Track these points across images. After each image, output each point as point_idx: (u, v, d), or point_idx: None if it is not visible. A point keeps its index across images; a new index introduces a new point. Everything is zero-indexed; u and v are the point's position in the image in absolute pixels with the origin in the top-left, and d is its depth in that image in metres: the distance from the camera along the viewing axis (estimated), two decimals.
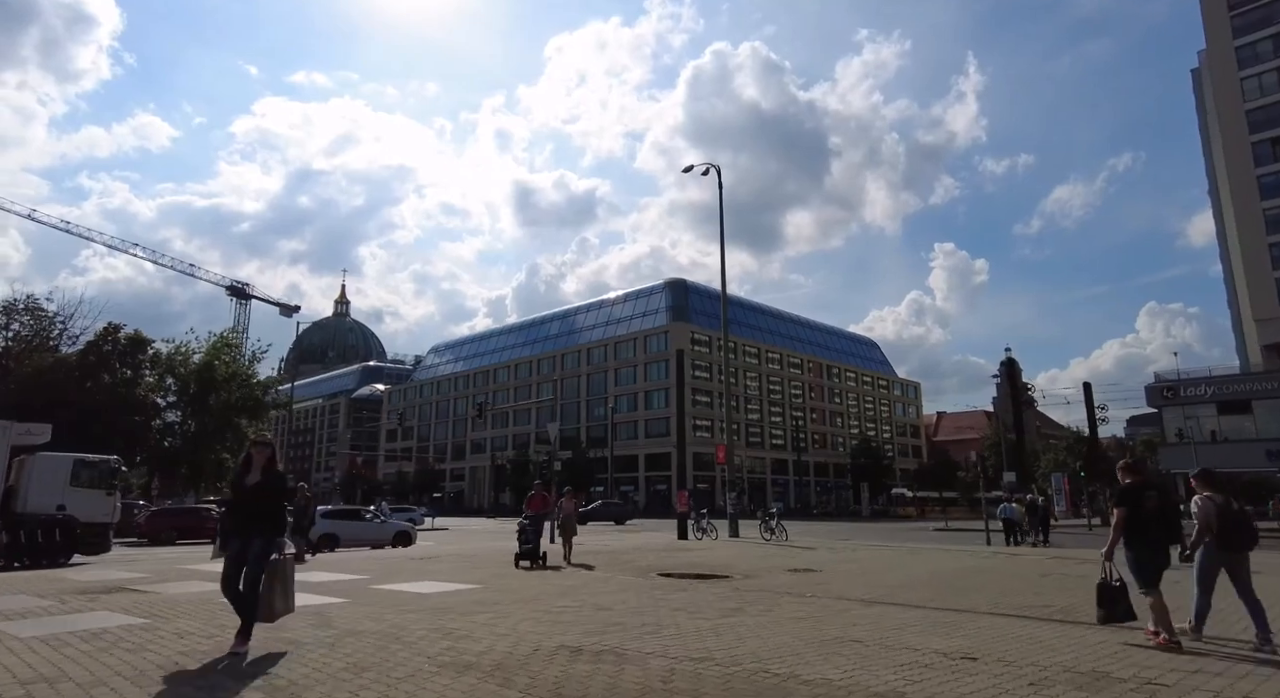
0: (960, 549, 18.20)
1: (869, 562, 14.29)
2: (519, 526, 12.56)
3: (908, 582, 10.85)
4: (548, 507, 13.76)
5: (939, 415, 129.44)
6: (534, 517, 12.80)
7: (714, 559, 14.65)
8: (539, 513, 13.09)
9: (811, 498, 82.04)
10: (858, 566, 13.42)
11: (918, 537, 27.65)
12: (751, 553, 16.60)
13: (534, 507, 13.19)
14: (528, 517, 12.68)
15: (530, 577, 10.61)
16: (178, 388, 50.38)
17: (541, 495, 13.62)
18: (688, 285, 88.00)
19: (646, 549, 18.13)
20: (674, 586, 10.15)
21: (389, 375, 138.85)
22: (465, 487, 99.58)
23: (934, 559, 14.89)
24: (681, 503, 25.10)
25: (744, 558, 15.09)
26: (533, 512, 12.92)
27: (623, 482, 79.85)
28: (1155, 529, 5.95)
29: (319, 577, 11.02)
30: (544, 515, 13.38)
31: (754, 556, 15.88)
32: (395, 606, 7.91)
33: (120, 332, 47.56)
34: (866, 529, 36.17)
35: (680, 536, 24.42)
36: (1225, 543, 5.93)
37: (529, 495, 13.58)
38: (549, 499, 13.98)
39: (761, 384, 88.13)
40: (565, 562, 13.11)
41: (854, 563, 13.98)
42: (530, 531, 12.32)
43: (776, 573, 12.06)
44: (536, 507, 13.19)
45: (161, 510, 25.28)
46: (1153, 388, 51.11)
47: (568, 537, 13.80)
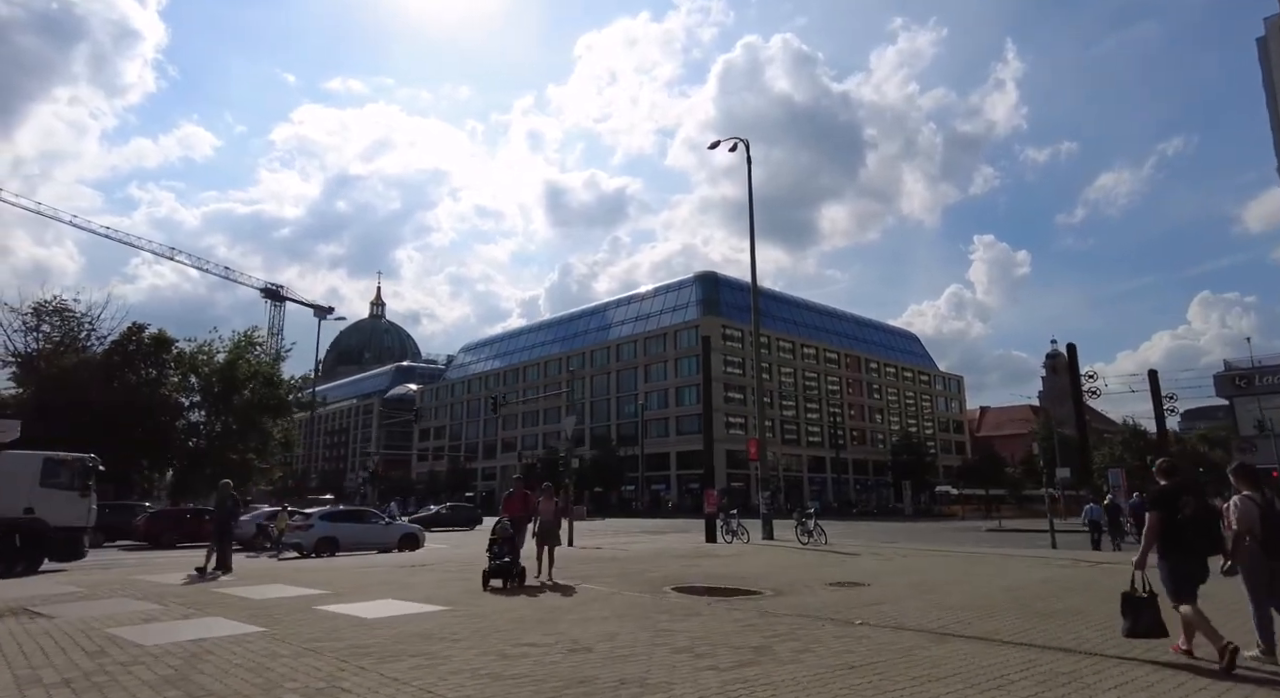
0: (1028, 555, 15.86)
1: (925, 572, 12.11)
2: (492, 535, 10.27)
3: (981, 602, 8.70)
4: (529, 510, 11.03)
5: (982, 410, 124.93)
6: (512, 523, 10.47)
7: (742, 568, 12.62)
8: (519, 517, 10.83)
9: (851, 496, 79.02)
10: (913, 577, 11.27)
11: (970, 538, 25.21)
12: (786, 560, 14.52)
13: (512, 510, 10.83)
14: (503, 523, 10.31)
15: (503, 602, 8.58)
16: (201, 387, 49.88)
17: (522, 495, 11.24)
18: (719, 279, 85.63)
19: (668, 555, 16.15)
20: (685, 608, 8.17)
21: (421, 375, 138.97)
22: (496, 486, 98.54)
23: (1003, 569, 12.64)
24: (710, 503, 23.07)
25: (777, 567, 13.03)
26: (510, 516, 10.58)
27: (654, 480, 77.96)
28: (1192, 537, 5.40)
29: (265, 593, 9.30)
30: (525, 520, 11.00)
31: (789, 563, 13.81)
32: (310, 641, 6.08)
33: (144, 331, 47.16)
34: (912, 530, 33.65)
35: (709, 538, 22.42)
36: (1270, 550, 5.24)
37: (505, 495, 11.27)
38: (531, 500, 11.15)
39: (797, 379, 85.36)
40: (546, 579, 10.69)
41: (908, 574, 11.82)
42: (503, 542, 9.96)
43: (815, 588, 10.00)
44: (515, 510, 10.84)
45: (161, 513, 24.11)
46: (1223, 377, 47.42)
47: (546, 547, 10.94)
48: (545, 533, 10.86)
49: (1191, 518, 5.43)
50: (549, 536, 10.90)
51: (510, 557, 9.89)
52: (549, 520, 11.00)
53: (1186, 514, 5.44)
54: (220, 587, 9.93)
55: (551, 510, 11.14)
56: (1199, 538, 5.41)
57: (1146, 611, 5.58)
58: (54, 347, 44.45)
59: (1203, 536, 5.42)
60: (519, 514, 10.79)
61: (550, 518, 11.03)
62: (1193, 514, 5.43)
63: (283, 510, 22.67)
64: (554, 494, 11.44)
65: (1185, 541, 5.43)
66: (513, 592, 9.49)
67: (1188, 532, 5.42)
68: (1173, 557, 5.51)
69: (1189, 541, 5.42)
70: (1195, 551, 5.43)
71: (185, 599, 8.77)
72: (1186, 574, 5.48)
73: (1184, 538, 5.43)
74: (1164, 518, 5.53)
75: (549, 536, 10.90)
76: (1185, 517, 5.44)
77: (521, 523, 10.67)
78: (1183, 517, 5.44)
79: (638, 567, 12.94)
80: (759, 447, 25.99)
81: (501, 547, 9.92)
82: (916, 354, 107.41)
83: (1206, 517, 5.48)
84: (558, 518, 11.22)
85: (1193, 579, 5.47)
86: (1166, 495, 5.61)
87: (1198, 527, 5.42)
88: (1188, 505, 5.46)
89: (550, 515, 11.05)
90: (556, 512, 11.27)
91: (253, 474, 52.37)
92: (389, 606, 8.17)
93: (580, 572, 12.02)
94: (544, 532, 10.88)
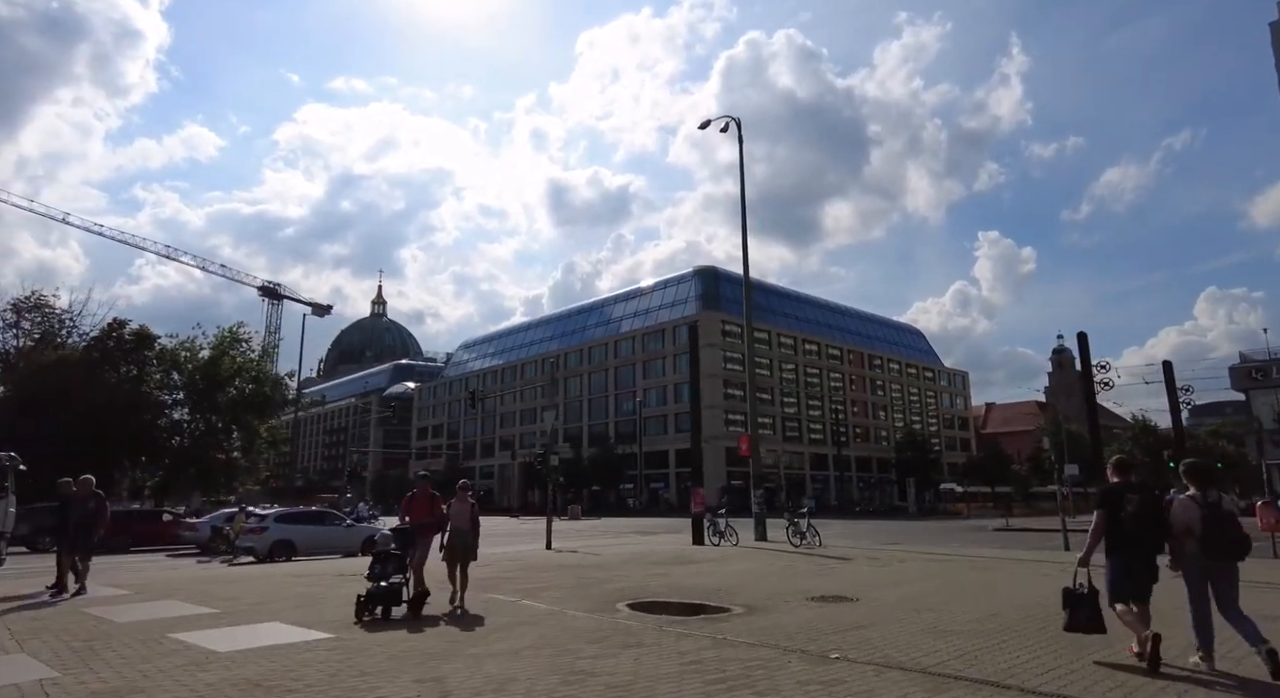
0: (1040, 560, 14.31)
1: (925, 582, 10.60)
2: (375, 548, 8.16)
3: (990, 625, 7.21)
4: (437, 516, 8.61)
5: (988, 407, 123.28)
6: (414, 532, 8.24)
7: (719, 577, 11.14)
8: (425, 525, 8.50)
9: (854, 495, 77.39)
10: (910, 589, 9.76)
11: (977, 539, 23.67)
12: (770, 566, 13.02)
13: (415, 515, 8.48)
14: (386, 534, 8.27)
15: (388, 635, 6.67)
16: (184, 384, 48.61)
17: (427, 497, 8.66)
18: (718, 273, 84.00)
19: (644, 560, 14.67)
20: (627, 636, 6.69)
21: (421, 373, 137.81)
22: (495, 485, 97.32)
23: (1014, 577, 11.12)
24: (697, 502, 21.59)
25: (758, 574, 11.54)
26: (414, 522, 8.38)
27: (653, 479, 76.51)
28: (1132, 535, 5.42)
29: (132, 614, 7.86)
30: (431, 528, 8.58)
31: (772, 570, 12.31)
32: (104, 692, 4.61)
33: (125, 327, 45.92)
34: (915, 529, 32.10)
35: (695, 540, 20.93)
36: (1209, 551, 5.16)
37: (406, 497, 8.80)
38: (439, 504, 8.71)
39: (799, 375, 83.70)
40: (459, 605, 8.44)
41: (904, 583, 10.31)
42: (388, 558, 7.75)
43: (794, 603, 8.52)
44: (419, 514, 8.48)
45: (114, 514, 22.61)
46: (1239, 369, 45.74)
47: (456, 563, 8.57)
48: (457, 545, 8.51)
49: (1133, 516, 5.39)
50: (462, 549, 8.54)
51: (401, 577, 7.81)
52: (463, 528, 8.57)
53: (1129, 512, 5.41)
54: (90, 606, 8.49)
55: (466, 516, 8.64)
56: (1140, 536, 5.37)
57: (1084, 606, 5.64)
58: (34, 344, 43.26)
59: (1144, 534, 5.37)
60: (424, 521, 8.51)
61: (464, 526, 8.59)
62: (1135, 512, 5.38)
63: (240, 512, 21.29)
64: (467, 494, 8.98)
65: (1126, 539, 5.41)
66: (408, 621, 7.49)
67: (1129, 530, 5.40)
68: (1115, 556, 5.53)
69: (1130, 539, 5.40)
70: (1136, 549, 5.40)
71: (19, 623, 7.34)
72: (1126, 573, 5.49)
73: (1125, 536, 5.42)
74: (1108, 516, 5.54)
75: (462, 549, 8.54)
76: (1127, 514, 5.42)
77: (427, 532, 8.49)
78: (1125, 515, 5.43)
79: (600, 576, 11.46)
80: (751, 443, 24.51)
81: (386, 565, 7.68)
82: (921, 350, 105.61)
83: (1148, 515, 5.39)
84: (474, 526, 8.72)
85: (1133, 577, 5.48)
86: (1111, 494, 5.61)
87: (1139, 525, 5.37)
88: (1130, 503, 5.42)
89: (464, 523, 8.60)
90: (472, 517, 8.73)
91: (238, 474, 51.09)
92: (264, 632, 6.71)
93: (529, 583, 10.55)
94: (455, 544, 8.51)
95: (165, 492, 48.69)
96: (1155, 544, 5.41)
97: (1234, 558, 5.17)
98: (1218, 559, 5.17)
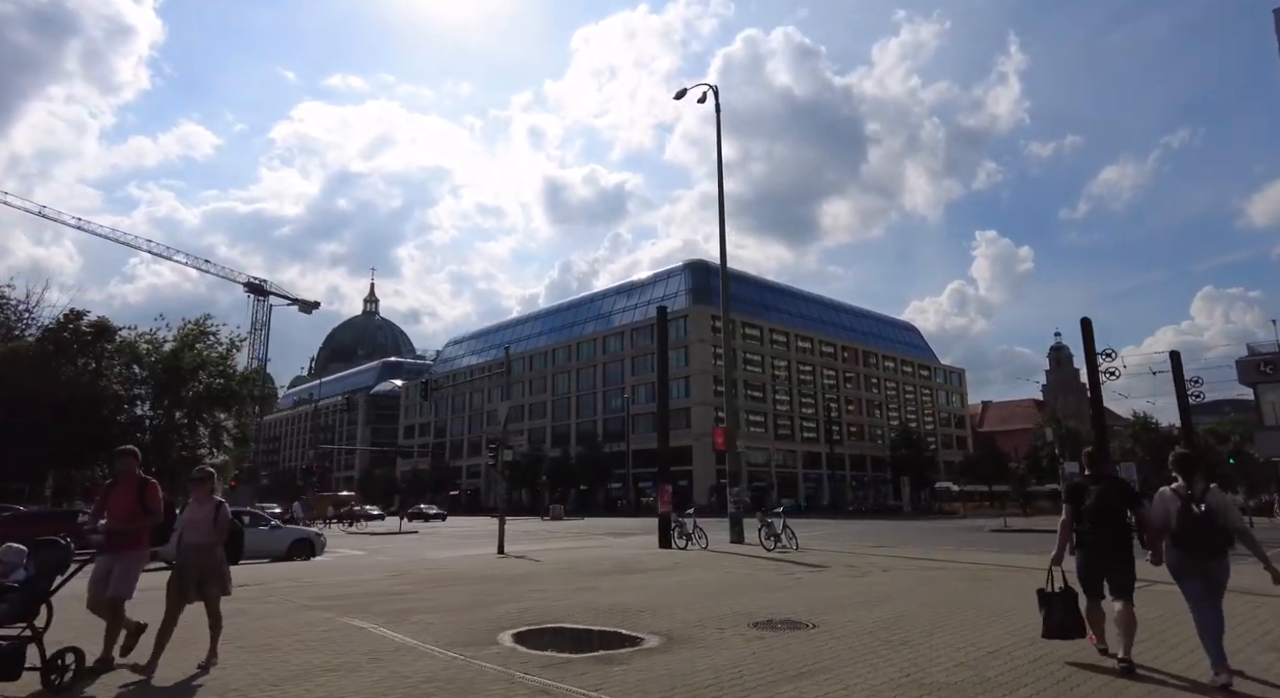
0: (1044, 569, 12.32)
1: (907, 599, 8.54)
2: None
3: (993, 671, 5.17)
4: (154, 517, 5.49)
5: (985, 405, 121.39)
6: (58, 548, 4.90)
7: (654, 593, 9.10)
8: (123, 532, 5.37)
9: (848, 494, 75.38)
10: (886, 611, 7.69)
11: (973, 541, 21.65)
12: (726, 576, 10.97)
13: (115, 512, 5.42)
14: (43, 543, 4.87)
15: None
16: (145, 378, 46.42)
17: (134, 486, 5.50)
18: (709, 267, 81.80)
19: (580, 570, 12.63)
20: (464, 692, 4.64)
21: (409, 371, 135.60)
22: (481, 484, 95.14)
23: (1018, 593, 8.98)
24: (663, 502, 19.56)
25: (705, 588, 9.49)
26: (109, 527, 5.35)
27: (642, 478, 74.38)
28: (1088, 530, 5.23)
29: None
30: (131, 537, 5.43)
31: (726, 582, 10.26)
32: None
33: (83, 318, 43.73)
34: (908, 530, 30.08)
35: (661, 542, 18.94)
36: (1178, 545, 4.80)
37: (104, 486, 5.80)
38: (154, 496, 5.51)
39: (791, 372, 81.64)
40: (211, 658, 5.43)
41: (880, 603, 8.26)
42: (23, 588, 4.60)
43: (730, 632, 6.47)
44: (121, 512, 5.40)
45: (17, 517, 20.61)
46: (1247, 362, 43.67)
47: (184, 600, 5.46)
48: (187, 570, 5.46)
49: (1089, 509, 5.20)
50: (200, 572, 5.46)
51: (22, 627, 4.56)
52: (198, 543, 5.50)
53: (1086, 505, 5.23)
54: None
55: (205, 525, 5.53)
56: (1095, 531, 5.19)
57: (1057, 608, 5.40)
58: None
59: (1099, 528, 5.19)
60: (122, 526, 5.34)
61: (200, 539, 5.51)
62: (1091, 505, 5.20)
63: None
64: (208, 489, 5.72)
65: (1084, 534, 5.26)
66: None
67: (1086, 525, 5.22)
68: (1079, 552, 5.38)
69: (1087, 534, 5.23)
70: (1093, 545, 5.21)
71: None
72: (1080, 569, 5.38)
73: (1084, 532, 5.26)
74: (1073, 511, 5.37)
75: (200, 572, 5.46)
76: (1085, 508, 5.23)
77: (129, 543, 5.37)
78: (1085, 508, 5.23)
79: (514, 590, 9.40)
80: (727, 436, 22.50)
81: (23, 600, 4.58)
82: (916, 347, 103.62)
83: (1102, 507, 5.19)
84: (220, 539, 5.63)
85: (1084, 574, 5.35)
86: (1074, 488, 5.48)
87: (1093, 518, 5.17)
88: (1089, 496, 5.24)
89: (201, 534, 5.51)
90: (217, 526, 5.58)
91: None
92: None
93: (415, 602, 8.50)
94: (185, 567, 5.47)
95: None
96: (1109, 539, 5.17)
97: (1206, 556, 4.74)
98: (1193, 556, 4.79)
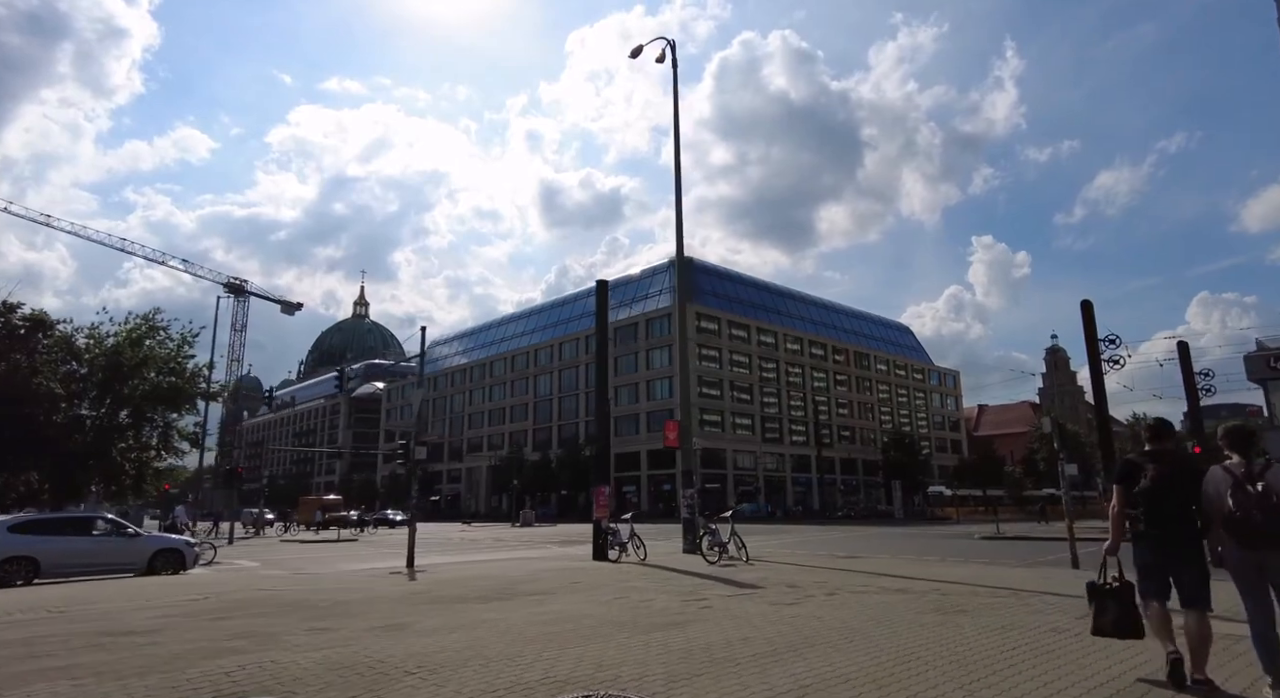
0: (1046, 590, 9.60)
1: (833, 650, 5.75)
2: None
3: None
4: None
5: (980, 408, 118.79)
6: None
7: (488, 633, 6.38)
8: None
9: (836, 499, 72.63)
10: (785, 679, 4.95)
11: (960, 550, 18.92)
12: (607, 607, 8.20)
13: None
14: None
15: None
16: (85, 375, 43.38)
17: None
18: (694, 263, 79.32)
19: (449, 592, 9.92)
20: None
21: (393, 373, 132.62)
22: (462, 489, 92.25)
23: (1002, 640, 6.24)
24: (599, 506, 16.81)
25: (559, 627, 6.77)
26: None
27: (625, 482, 71.63)
28: (1145, 515, 4.25)
29: None
30: None
31: (599, 617, 7.50)
32: None
33: (16, 311, 40.73)
34: (892, 537, 27.35)
35: (595, 553, 16.24)
36: (1235, 533, 3.86)
37: None
38: None
39: (780, 372, 78.96)
40: None
41: (789, 660, 5.50)
42: None
43: None
44: None
45: None
46: (1255, 358, 41.11)
47: None
48: None
49: (1144, 491, 4.21)
50: None
51: None
52: None
53: (1142, 487, 4.24)
54: None
55: None
56: (1151, 519, 4.20)
57: (1111, 604, 4.46)
58: None
59: (1156, 516, 4.19)
60: None
61: None
62: (1146, 486, 4.20)
63: None
64: None
65: (1142, 520, 4.30)
66: None
67: (1141, 509, 4.27)
68: (1135, 543, 4.38)
69: (1147, 519, 4.25)
70: (1152, 537, 4.24)
71: None
72: (1140, 563, 4.38)
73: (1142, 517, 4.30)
74: (1125, 494, 4.38)
75: None
76: (1139, 489, 4.26)
77: None
78: (1139, 490, 4.27)
79: (296, 633, 6.68)
80: (680, 431, 19.81)
81: None
82: (910, 348, 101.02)
83: (1160, 487, 4.17)
84: None
85: (1147, 570, 4.32)
86: (1129, 466, 4.42)
87: (1150, 500, 4.20)
88: (1145, 474, 4.24)
89: None
90: None
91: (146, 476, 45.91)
92: None
93: (104, 655, 5.78)
94: None
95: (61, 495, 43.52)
96: (1173, 525, 4.17)
97: (1267, 545, 3.74)
98: (1253, 547, 3.81)
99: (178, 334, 47.74)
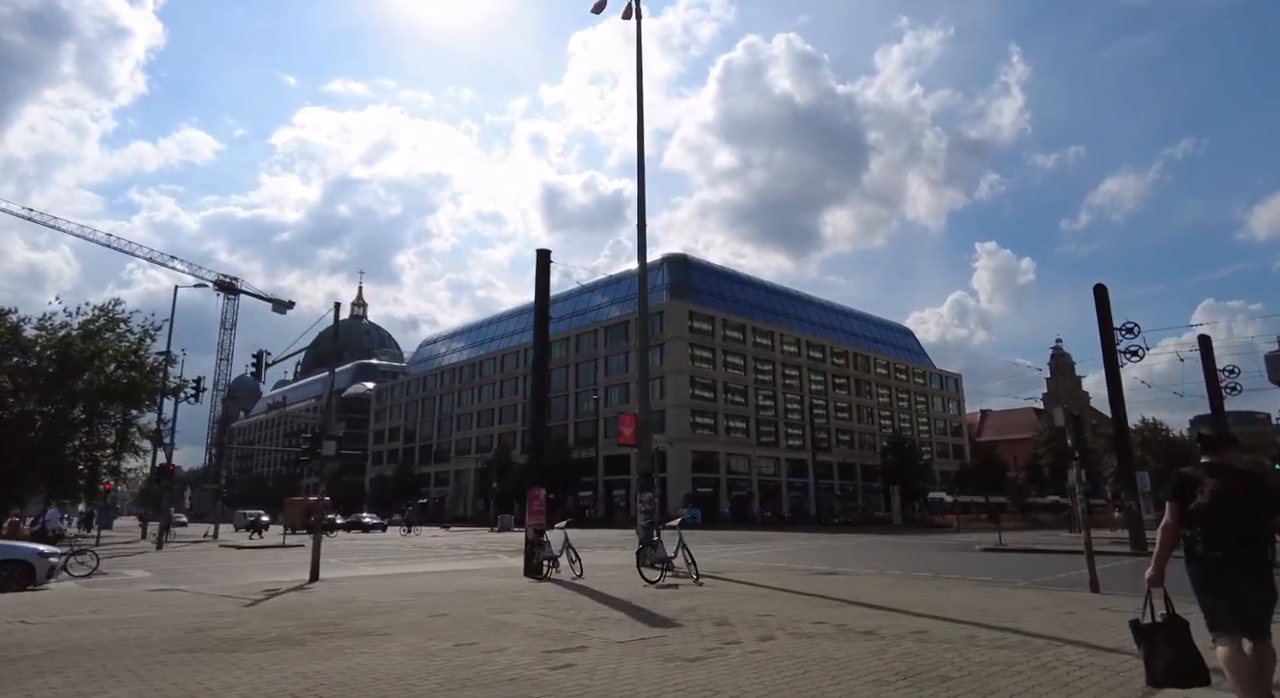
0: (1065, 639, 7.18)
1: None
2: None
3: None
4: None
5: (983, 413, 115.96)
6: None
7: None
8: None
9: (833, 504, 70.00)
10: None
11: (957, 565, 16.42)
12: (409, 666, 5.81)
13: None
14: None
15: None
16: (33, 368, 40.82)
17: None
18: (689, 261, 76.95)
19: (235, 636, 7.52)
20: None
21: (383, 373, 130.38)
22: (449, 492, 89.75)
23: None
24: (533, 512, 14.26)
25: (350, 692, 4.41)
26: None
27: (614, 485, 69.14)
28: (1203, 536, 3.60)
29: None
30: None
31: (374, 683, 5.13)
32: None
33: None
34: (885, 546, 24.83)
35: (527, 569, 13.79)
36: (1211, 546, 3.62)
37: None
38: None
39: (776, 374, 76.37)
40: None
41: None
42: None
43: None
44: None
45: None
46: (1276, 357, 38.62)
47: None
48: None
49: (1203, 508, 3.59)
50: None
51: None
52: None
53: (1200, 504, 3.62)
54: None
55: None
56: (1209, 540, 3.56)
57: (1161, 644, 3.64)
58: None
59: (1215, 536, 3.54)
60: None
61: None
62: (1207, 502, 3.58)
63: None
64: None
65: (1200, 542, 3.62)
66: None
67: (1200, 528, 3.60)
68: (1192, 567, 3.69)
69: (1206, 542, 3.58)
70: (1210, 560, 3.57)
71: None
72: (1213, 591, 3.60)
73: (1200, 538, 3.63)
74: (1179, 511, 3.74)
75: None
76: (1196, 506, 3.63)
77: None
78: (1195, 507, 3.64)
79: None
80: (637, 428, 17.36)
81: None
82: (911, 350, 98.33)
83: (1225, 503, 3.53)
84: None
85: (1224, 598, 3.54)
86: (1184, 480, 3.78)
87: (1211, 518, 3.57)
88: (1205, 489, 3.62)
89: None
90: None
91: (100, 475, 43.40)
92: None
93: None
94: None
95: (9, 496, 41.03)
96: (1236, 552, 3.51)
97: None
98: None
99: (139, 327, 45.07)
